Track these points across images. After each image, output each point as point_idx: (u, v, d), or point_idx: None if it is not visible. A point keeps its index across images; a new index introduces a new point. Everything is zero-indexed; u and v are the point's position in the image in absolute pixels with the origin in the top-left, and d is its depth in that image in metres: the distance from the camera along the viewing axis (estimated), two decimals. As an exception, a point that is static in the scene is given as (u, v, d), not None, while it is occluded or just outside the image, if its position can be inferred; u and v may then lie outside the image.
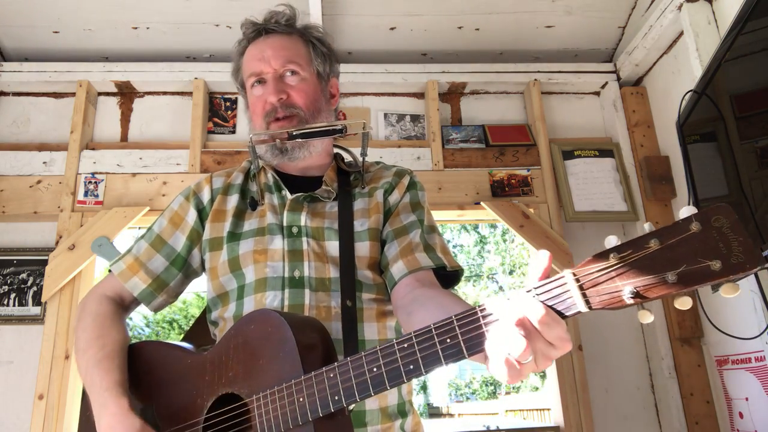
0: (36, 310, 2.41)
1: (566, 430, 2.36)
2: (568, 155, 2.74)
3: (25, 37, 2.66)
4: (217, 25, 2.65)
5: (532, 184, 2.68)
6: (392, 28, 2.72)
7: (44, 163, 2.57)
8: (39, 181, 2.53)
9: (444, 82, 2.82)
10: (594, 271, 0.66)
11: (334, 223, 1.15)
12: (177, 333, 11.18)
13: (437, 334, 0.76)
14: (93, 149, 2.61)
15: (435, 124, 2.74)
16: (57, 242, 2.42)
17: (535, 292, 0.70)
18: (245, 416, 0.93)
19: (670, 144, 2.61)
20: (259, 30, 1.25)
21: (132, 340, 1.14)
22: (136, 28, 2.65)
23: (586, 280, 0.67)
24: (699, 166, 1.98)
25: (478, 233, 13.42)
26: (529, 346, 0.68)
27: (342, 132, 1.18)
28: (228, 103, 2.79)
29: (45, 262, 2.40)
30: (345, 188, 1.21)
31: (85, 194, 2.51)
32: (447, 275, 1.14)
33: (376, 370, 0.80)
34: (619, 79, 2.85)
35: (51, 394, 2.24)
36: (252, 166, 1.26)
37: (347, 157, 1.33)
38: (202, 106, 2.68)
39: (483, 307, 0.74)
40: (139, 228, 2.62)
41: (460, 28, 2.74)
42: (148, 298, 1.19)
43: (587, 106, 2.94)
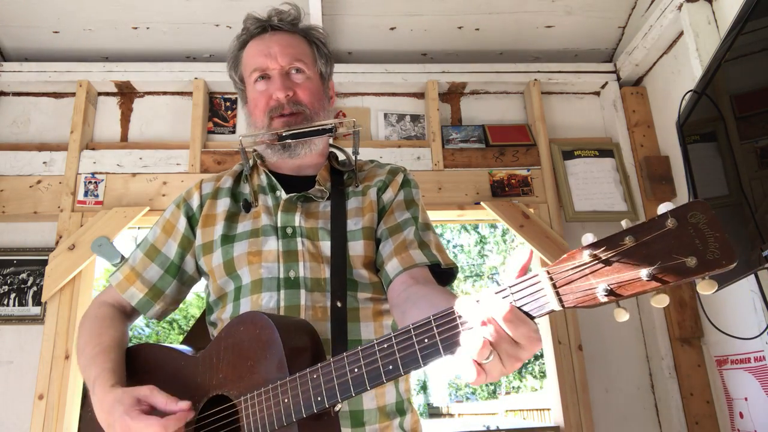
0: (36, 310, 2.41)
1: (566, 430, 2.36)
2: (568, 155, 2.74)
3: (25, 37, 2.66)
4: (217, 25, 2.65)
5: (532, 184, 2.68)
6: (392, 28, 2.72)
7: (44, 163, 2.57)
8: (39, 181, 2.53)
9: (444, 82, 2.82)
10: (568, 268, 0.65)
11: (327, 223, 1.15)
12: (177, 333, 11.18)
13: (415, 334, 0.75)
14: (93, 149, 2.61)
15: (435, 124, 2.74)
16: (57, 242, 2.42)
17: (510, 290, 0.69)
18: (234, 417, 0.93)
19: (670, 144, 2.61)
20: (265, 26, 1.25)
21: (132, 340, 1.15)
22: (136, 28, 2.65)
23: (560, 278, 0.66)
24: (699, 166, 1.98)
25: (478, 233, 13.42)
26: (486, 345, 0.67)
27: (333, 131, 1.18)
28: (228, 103, 2.79)
29: (45, 262, 2.40)
30: (338, 187, 1.21)
31: (85, 194, 2.51)
32: (442, 272, 1.14)
33: (357, 370, 0.80)
34: (619, 79, 2.85)
35: (51, 394, 2.24)
36: (244, 167, 1.26)
37: (341, 156, 1.33)
38: (202, 106, 2.68)
39: (455, 308, 0.74)
40: (139, 228, 2.62)
41: (460, 28, 2.74)
42: (145, 307, 1.20)
43: (587, 106, 2.94)
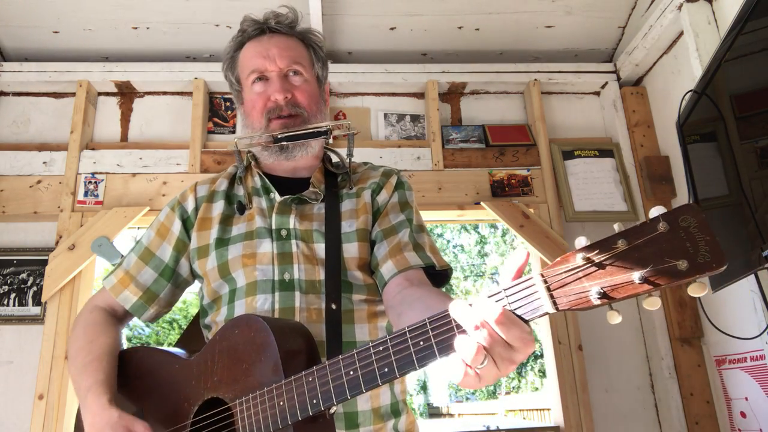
0: (36, 310, 2.41)
1: (566, 430, 2.36)
2: (568, 155, 2.74)
3: (25, 37, 2.66)
4: (217, 25, 2.65)
5: (532, 184, 2.68)
6: (392, 28, 2.72)
7: (44, 163, 2.57)
8: (39, 181, 2.53)
9: (444, 82, 2.82)
10: (562, 271, 0.66)
11: (321, 225, 1.15)
12: (177, 333, 11.17)
13: (411, 337, 0.75)
14: (93, 149, 2.61)
15: (435, 124, 2.74)
16: (57, 242, 2.42)
17: (504, 293, 0.70)
18: (230, 420, 0.93)
19: (670, 144, 2.61)
20: (263, 28, 1.26)
21: (132, 340, 1.15)
22: (136, 28, 2.65)
23: (554, 281, 0.67)
24: (699, 166, 1.98)
25: (478, 233, 13.42)
26: (480, 350, 0.68)
27: (327, 134, 1.19)
28: (228, 103, 2.79)
29: (45, 262, 2.40)
30: (332, 189, 1.22)
31: (85, 194, 2.51)
32: (437, 274, 1.15)
33: (352, 373, 0.80)
34: (619, 79, 2.85)
35: (51, 394, 2.24)
36: (238, 170, 1.26)
37: (334, 158, 1.33)
38: (202, 106, 2.68)
39: (449, 311, 0.74)
40: (139, 228, 2.62)
41: (460, 28, 2.74)
42: (139, 311, 1.21)
43: (587, 106, 2.94)
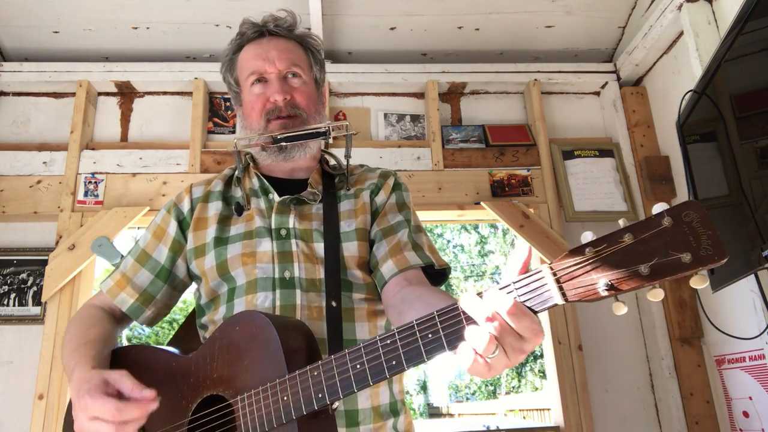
0: (36, 310, 2.41)
1: (566, 430, 2.36)
2: (568, 155, 2.74)
3: (25, 37, 2.66)
4: (217, 25, 2.65)
5: (532, 184, 2.68)
6: (392, 28, 2.72)
7: (44, 163, 2.57)
8: (39, 181, 2.53)
9: (444, 82, 2.82)
10: (570, 264, 0.69)
11: (320, 225, 1.17)
12: (177, 333, 11.18)
13: (419, 330, 0.77)
14: (93, 149, 2.61)
15: (435, 124, 2.74)
16: (57, 242, 2.42)
17: (513, 286, 0.72)
18: (230, 417, 0.93)
19: (670, 144, 2.61)
20: (262, 31, 1.27)
21: (132, 340, 1.15)
22: (136, 28, 2.65)
23: (562, 274, 0.69)
24: (699, 166, 1.98)
25: (479, 233, 13.43)
26: (492, 340, 0.70)
27: (326, 135, 1.20)
28: (228, 103, 2.79)
29: (45, 262, 2.40)
30: (330, 190, 1.23)
31: (85, 194, 2.51)
32: (435, 273, 1.16)
33: (359, 366, 0.81)
34: (619, 79, 2.85)
35: (51, 394, 2.24)
36: (236, 171, 1.27)
37: (331, 160, 1.35)
38: (202, 106, 2.68)
39: (460, 304, 0.76)
40: (139, 228, 2.62)
41: (460, 28, 2.74)
42: (136, 312, 1.21)
43: (587, 106, 2.94)
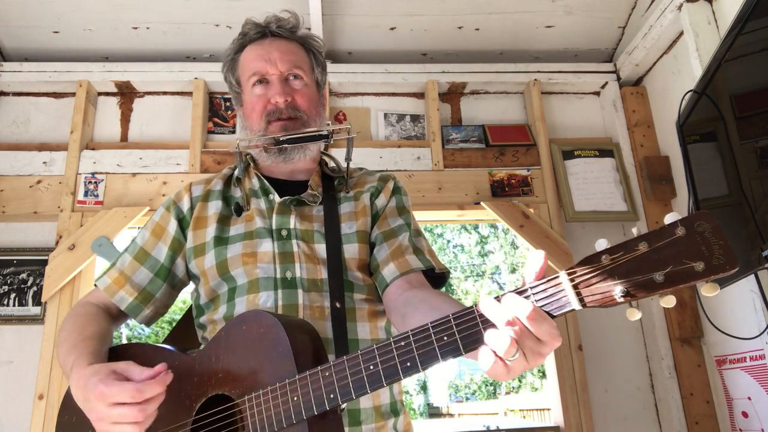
0: (36, 310, 2.41)
1: (566, 430, 2.36)
2: (568, 155, 2.74)
3: (25, 37, 2.66)
4: (217, 25, 2.65)
5: (532, 184, 2.68)
6: (392, 28, 2.72)
7: (44, 163, 2.57)
8: (39, 181, 2.53)
9: (444, 82, 2.82)
10: (587, 271, 0.71)
11: (321, 226, 1.17)
12: (177, 333, 11.18)
13: (434, 332, 0.78)
14: (93, 149, 2.61)
15: (435, 124, 2.74)
16: (57, 242, 2.42)
17: (531, 291, 0.74)
18: (236, 417, 0.93)
19: (670, 144, 2.61)
20: (264, 32, 1.27)
21: (132, 340, 1.14)
22: (136, 28, 2.65)
23: (580, 280, 0.71)
24: (699, 166, 1.98)
25: (479, 233, 13.43)
26: (513, 344, 0.71)
27: (328, 138, 1.20)
28: (228, 103, 2.79)
29: (45, 262, 2.40)
30: (329, 192, 1.23)
31: (85, 194, 2.51)
32: (435, 277, 1.17)
33: (372, 367, 0.81)
34: (619, 79, 2.85)
35: (51, 394, 2.24)
36: (237, 171, 1.27)
37: (330, 162, 1.35)
38: (202, 106, 2.68)
39: (478, 307, 0.77)
40: (139, 228, 2.62)
41: (460, 28, 2.74)
42: (135, 311, 1.20)
43: (587, 106, 2.94)
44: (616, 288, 0.69)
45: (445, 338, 0.77)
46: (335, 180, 1.28)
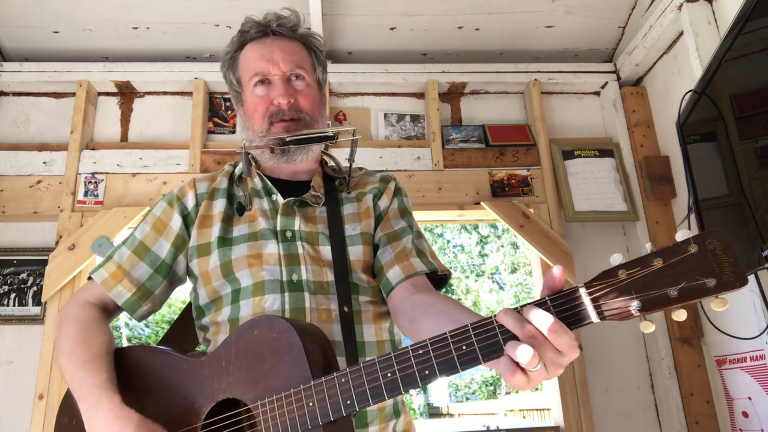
0: (36, 310, 2.42)
1: (566, 430, 2.36)
2: (568, 155, 2.74)
3: (25, 37, 2.66)
4: (217, 25, 2.65)
5: (532, 184, 2.68)
6: (392, 28, 2.72)
7: (44, 163, 2.57)
8: (39, 181, 2.53)
9: (444, 82, 2.82)
10: (604, 285, 0.74)
11: (326, 228, 1.16)
12: (177, 333, 11.16)
13: (453, 342, 0.80)
14: (93, 149, 2.61)
15: (435, 124, 2.74)
16: (57, 242, 2.42)
17: (550, 304, 0.75)
18: (248, 422, 0.92)
19: (670, 144, 2.61)
20: (265, 30, 1.24)
21: (132, 340, 1.14)
22: (136, 28, 2.65)
23: (598, 294, 0.74)
24: (699, 166, 1.98)
25: (479, 233, 13.43)
26: (536, 355, 0.72)
27: (334, 139, 1.19)
28: (228, 103, 2.79)
29: (45, 262, 2.40)
30: (331, 193, 1.23)
31: (85, 194, 2.51)
32: (437, 279, 1.18)
33: (390, 375, 0.82)
34: (619, 79, 2.85)
35: (51, 394, 2.24)
36: (238, 170, 1.26)
37: (330, 162, 1.34)
38: (202, 106, 2.68)
39: (497, 318, 0.79)
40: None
41: (460, 28, 2.74)
42: (132, 307, 1.17)
43: (587, 106, 2.94)
44: (633, 302, 0.71)
45: (464, 347, 0.79)
46: (336, 180, 1.27)
